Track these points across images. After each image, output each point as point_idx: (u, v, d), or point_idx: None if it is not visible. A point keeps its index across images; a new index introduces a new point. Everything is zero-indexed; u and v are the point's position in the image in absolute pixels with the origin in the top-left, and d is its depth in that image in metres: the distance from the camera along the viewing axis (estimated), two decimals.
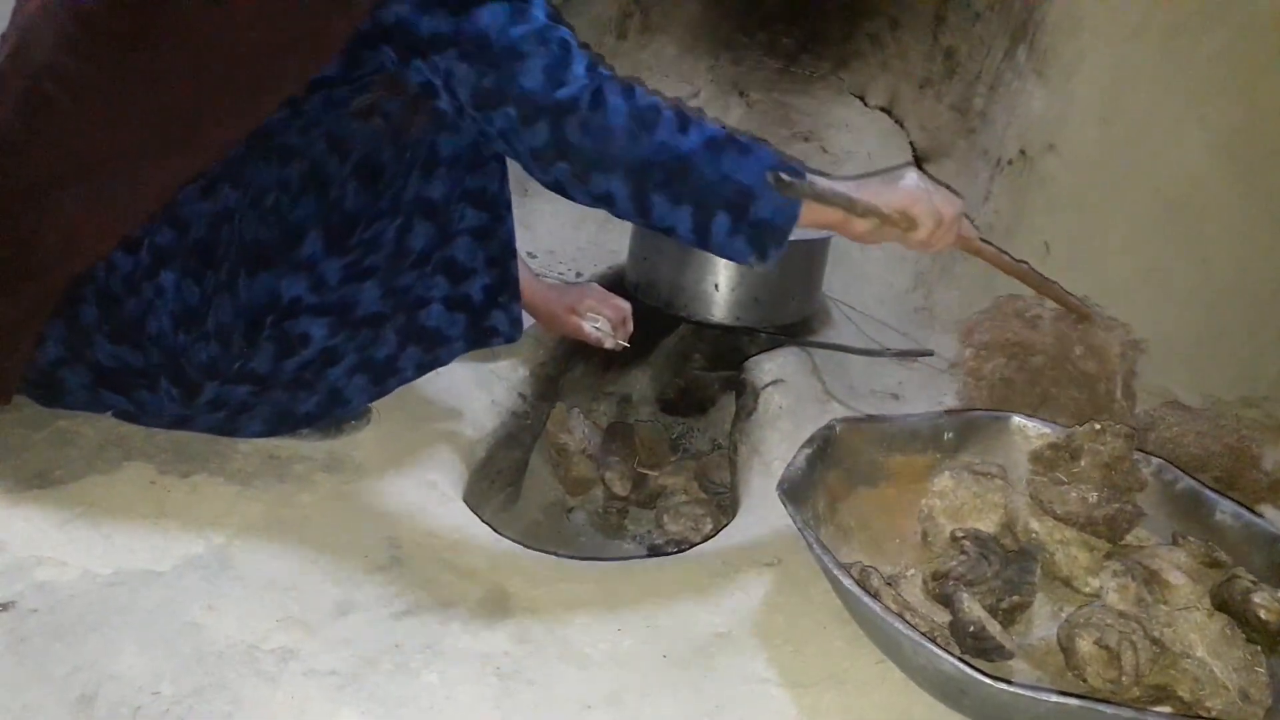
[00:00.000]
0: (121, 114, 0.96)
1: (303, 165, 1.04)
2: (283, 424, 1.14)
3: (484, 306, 1.19)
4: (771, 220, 0.98)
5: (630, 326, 1.38)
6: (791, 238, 1.01)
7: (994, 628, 0.90)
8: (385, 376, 1.17)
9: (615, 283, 1.74)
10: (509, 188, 1.18)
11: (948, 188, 1.12)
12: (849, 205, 1.01)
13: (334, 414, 1.16)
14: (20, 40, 0.98)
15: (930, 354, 1.67)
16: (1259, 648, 0.93)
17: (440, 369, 1.22)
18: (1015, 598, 0.97)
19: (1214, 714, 0.87)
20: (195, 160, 0.98)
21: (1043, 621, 1.00)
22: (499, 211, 1.17)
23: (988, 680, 0.77)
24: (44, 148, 0.97)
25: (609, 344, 1.35)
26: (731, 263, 1.25)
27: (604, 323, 1.34)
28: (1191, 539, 1.05)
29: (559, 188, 0.99)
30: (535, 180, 1.00)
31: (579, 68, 0.94)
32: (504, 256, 1.19)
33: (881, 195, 1.03)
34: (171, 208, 1.00)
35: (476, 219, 1.15)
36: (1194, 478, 1.10)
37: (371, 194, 1.07)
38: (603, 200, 0.99)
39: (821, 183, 1.01)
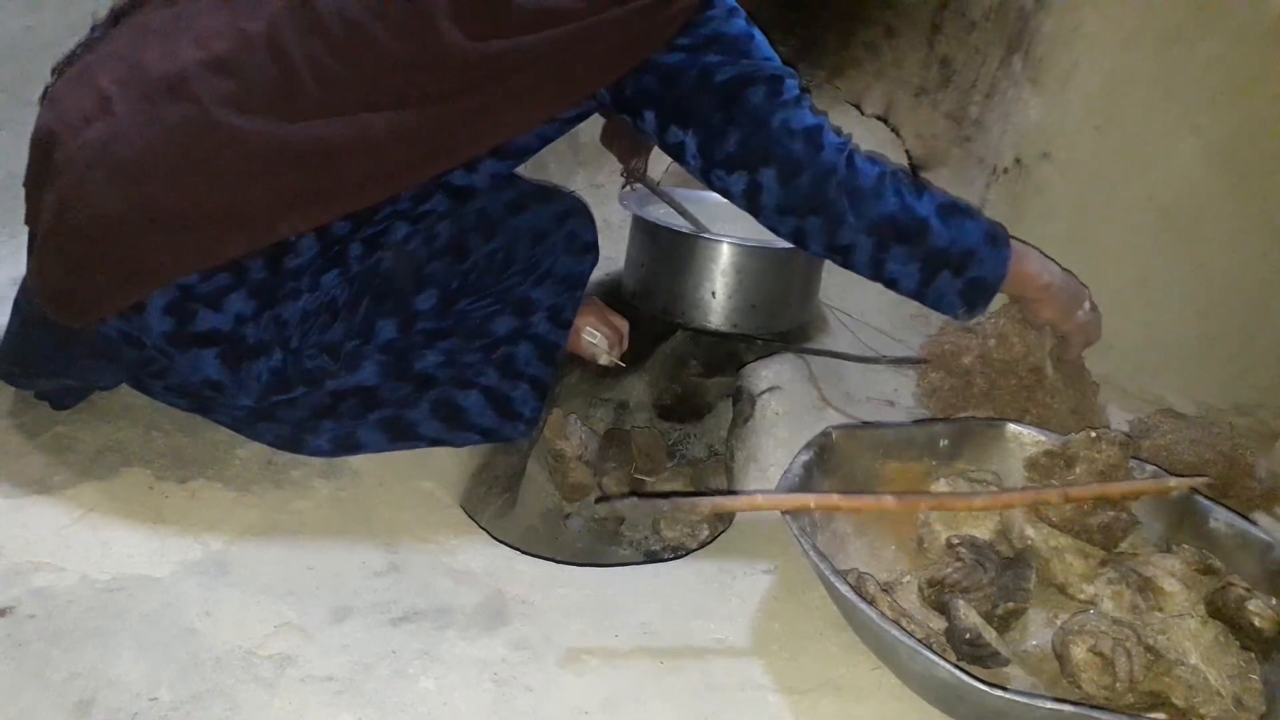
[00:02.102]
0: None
1: (453, 230, 1.12)
2: (289, 446, 1.15)
3: (511, 414, 1.23)
4: (986, 279, 1.15)
5: (626, 345, 1.39)
6: None
7: (989, 634, 0.91)
8: (402, 438, 1.18)
9: (612, 289, 1.75)
10: (577, 311, 1.28)
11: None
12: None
13: (339, 455, 1.16)
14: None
15: (926, 361, 1.68)
16: (1253, 655, 0.94)
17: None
18: (1010, 604, 0.97)
19: None
20: (433, 167, 1.05)
21: (1038, 628, 1.00)
22: (564, 330, 1.25)
23: (983, 687, 0.77)
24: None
25: (604, 360, 1.36)
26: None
27: (601, 339, 1.35)
28: (1186, 546, 1.05)
29: (798, 236, 1.12)
30: (773, 230, 1.14)
31: (831, 135, 1.08)
32: (550, 364, 1.25)
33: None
34: (369, 219, 1.04)
35: (546, 330, 1.22)
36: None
37: (493, 277, 1.16)
38: (841, 252, 1.12)
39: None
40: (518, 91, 1.02)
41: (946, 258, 1.12)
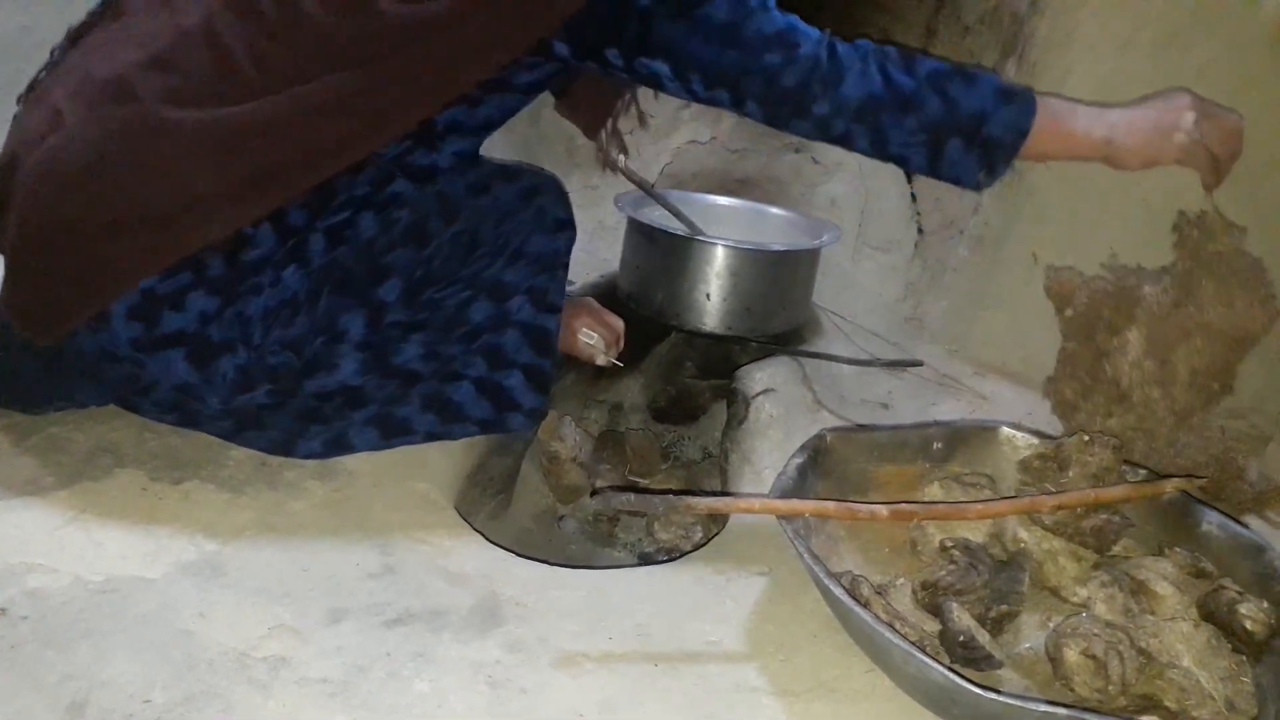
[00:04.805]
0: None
1: (411, 216, 1.09)
2: (281, 450, 1.14)
3: (510, 401, 1.21)
4: (1000, 139, 1.07)
5: (622, 345, 1.39)
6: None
7: (983, 637, 0.91)
8: (396, 434, 1.17)
9: (607, 291, 1.75)
10: (565, 292, 1.24)
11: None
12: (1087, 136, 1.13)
13: (332, 456, 1.16)
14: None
15: (919, 364, 1.68)
16: (1244, 658, 0.94)
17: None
18: (1004, 607, 0.98)
19: None
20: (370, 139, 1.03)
21: (1031, 631, 1.00)
22: (552, 312, 1.22)
23: (977, 689, 0.77)
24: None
25: (600, 361, 1.36)
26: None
27: (598, 340, 1.35)
28: (1178, 550, 1.06)
29: (795, 131, 1.09)
30: (775, 128, 1.10)
31: (806, 30, 1.05)
32: (545, 353, 1.23)
33: (1132, 134, 1.16)
34: (325, 209, 1.04)
35: (531, 315, 1.20)
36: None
37: (459, 263, 1.13)
38: (840, 141, 1.08)
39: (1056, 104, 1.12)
40: (455, 49, 1.00)
41: (952, 125, 1.06)
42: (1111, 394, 1.45)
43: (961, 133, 1.06)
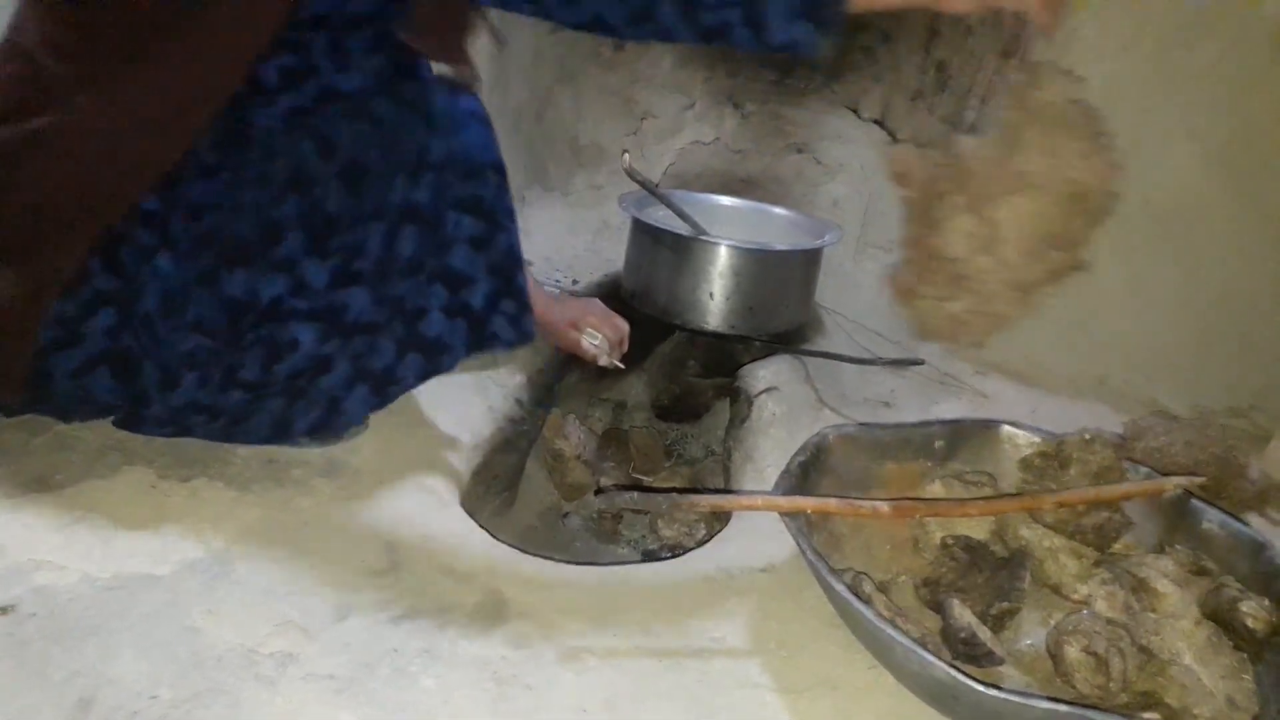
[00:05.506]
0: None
1: (288, 164, 1.02)
2: (283, 434, 1.14)
3: (485, 313, 1.18)
4: None
5: (626, 347, 1.39)
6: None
7: (984, 634, 0.91)
8: (385, 386, 1.16)
9: (611, 290, 1.76)
10: (509, 197, 1.17)
11: None
12: None
13: (335, 426, 1.15)
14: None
15: (921, 363, 1.69)
16: (1245, 655, 0.94)
17: (440, 376, 1.22)
18: (1005, 604, 0.98)
19: None
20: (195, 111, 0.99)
21: (1032, 628, 1.01)
22: (498, 220, 1.16)
23: (978, 686, 0.78)
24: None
25: (604, 361, 1.36)
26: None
27: (602, 340, 1.35)
28: (1179, 547, 1.06)
29: (596, 25, 0.98)
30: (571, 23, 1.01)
31: None
32: (508, 264, 1.18)
33: None
34: (179, 188, 1.00)
35: (474, 227, 1.14)
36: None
37: (355, 196, 1.05)
38: (645, 15, 0.96)
39: None
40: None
41: None
42: (948, 273, 1.34)
43: None
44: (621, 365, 1.39)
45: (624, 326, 1.39)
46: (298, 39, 1.00)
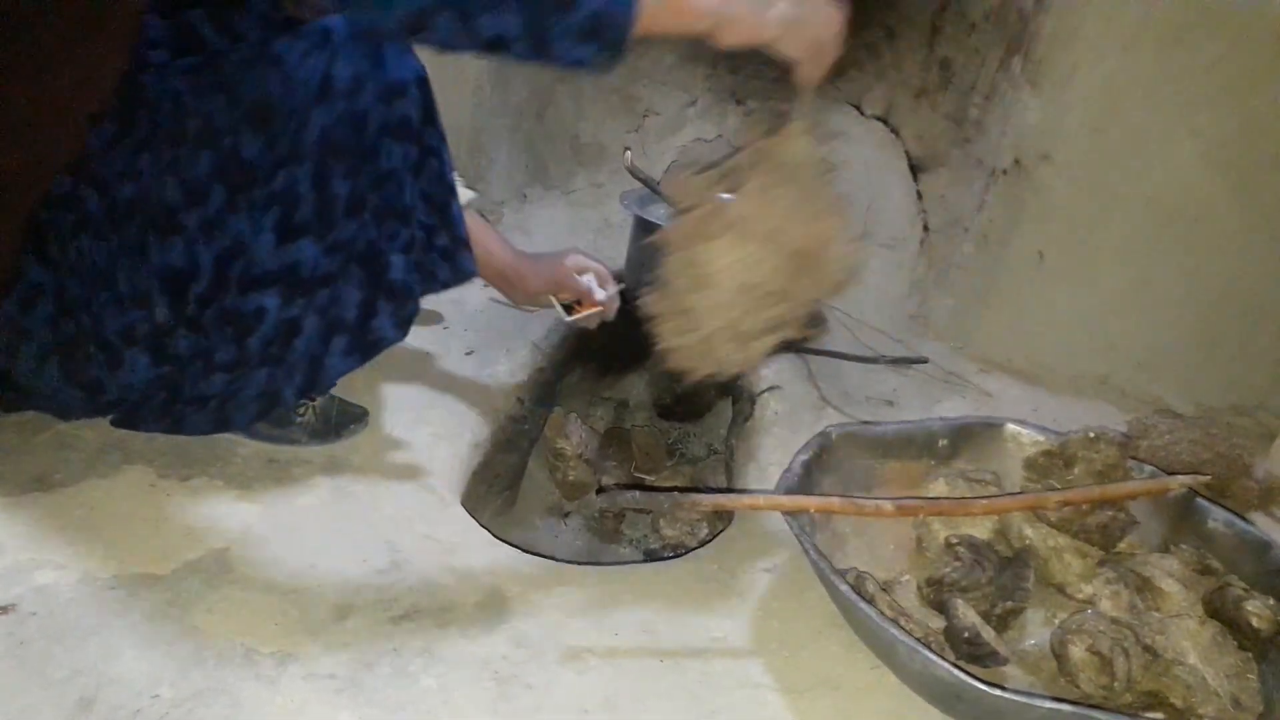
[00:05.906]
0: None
1: (193, 120, 0.99)
2: (275, 404, 1.11)
3: (424, 245, 1.13)
4: (607, 8, 0.89)
5: (611, 287, 1.37)
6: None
7: (988, 634, 0.91)
8: (365, 340, 1.11)
9: None
10: (438, 115, 1.11)
11: None
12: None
13: (324, 383, 1.12)
14: None
15: (924, 361, 1.68)
16: (1250, 655, 0.94)
17: (441, 367, 1.20)
18: (1009, 604, 0.98)
19: None
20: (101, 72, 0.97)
21: (1036, 628, 1.00)
22: (427, 143, 1.09)
23: (982, 686, 0.77)
24: None
25: (599, 295, 1.34)
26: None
27: (590, 276, 1.34)
28: (1184, 547, 1.06)
29: (388, 19, 0.91)
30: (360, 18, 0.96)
31: None
32: (440, 193, 1.12)
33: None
34: (89, 165, 0.99)
35: (404, 154, 1.07)
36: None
37: (268, 138, 0.99)
38: (423, 16, 0.89)
39: None
40: None
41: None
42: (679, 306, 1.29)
43: (561, 3, 0.88)
44: (619, 289, 1.37)
45: (605, 268, 1.38)
46: (179, 20, 1.00)
